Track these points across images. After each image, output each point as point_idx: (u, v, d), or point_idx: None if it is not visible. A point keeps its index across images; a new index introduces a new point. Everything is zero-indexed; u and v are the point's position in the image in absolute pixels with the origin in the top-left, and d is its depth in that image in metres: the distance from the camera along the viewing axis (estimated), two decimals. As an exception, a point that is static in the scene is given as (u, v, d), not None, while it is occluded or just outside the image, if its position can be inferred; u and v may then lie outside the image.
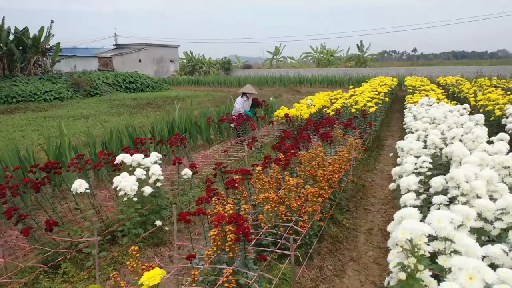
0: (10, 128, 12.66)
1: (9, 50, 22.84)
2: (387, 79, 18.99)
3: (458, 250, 1.72)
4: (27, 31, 23.63)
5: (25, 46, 23.52)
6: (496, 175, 2.60)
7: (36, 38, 23.76)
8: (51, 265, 2.99)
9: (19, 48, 23.36)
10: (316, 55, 40.48)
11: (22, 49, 23.53)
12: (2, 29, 22.67)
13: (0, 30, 22.64)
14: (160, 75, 35.57)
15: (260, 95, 20.91)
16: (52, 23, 25.09)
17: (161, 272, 1.80)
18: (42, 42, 24.24)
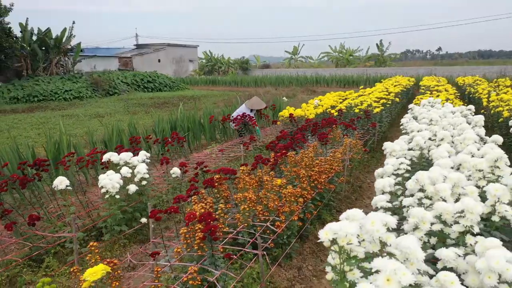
0: (28, 126, 13.08)
1: (32, 51, 23.58)
2: (404, 79, 18.68)
3: (393, 252, 1.72)
4: (49, 31, 24.32)
5: (47, 47, 24.21)
6: (463, 177, 2.57)
7: (58, 39, 24.42)
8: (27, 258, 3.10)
9: (42, 48, 24.08)
10: (334, 54, 40.13)
11: (45, 49, 24.24)
12: (25, 30, 23.42)
13: (24, 31, 23.40)
14: (179, 75, 36.00)
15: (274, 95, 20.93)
16: (74, 24, 25.75)
17: (104, 268, 1.87)
18: (64, 43, 24.89)
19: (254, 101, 7.65)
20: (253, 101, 7.65)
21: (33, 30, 23.83)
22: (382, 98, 9.53)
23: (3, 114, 16.44)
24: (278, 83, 27.95)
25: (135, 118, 14.44)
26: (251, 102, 7.60)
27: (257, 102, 7.61)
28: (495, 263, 1.74)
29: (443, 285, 1.74)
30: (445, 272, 1.80)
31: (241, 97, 15.86)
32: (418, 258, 1.77)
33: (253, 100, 7.65)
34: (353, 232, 1.53)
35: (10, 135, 9.23)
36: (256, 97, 8.05)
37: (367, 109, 7.63)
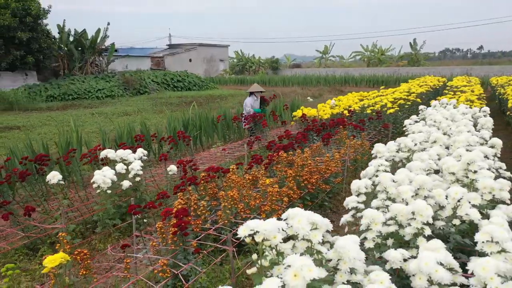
0: (58, 123, 13.73)
1: (69, 51, 24.67)
2: (433, 79, 18.19)
3: (320, 250, 1.78)
4: (85, 33, 25.33)
5: (83, 47, 25.23)
6: (429, 180, 2.56)
7: (93, 39, 25.39)
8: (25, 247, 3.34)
9: (78, 48, 25.12)
10: (366, 54, 39.44)
11: (81, 49, 25.27)
12: (63, 31, 24.52)
13: (62, 32, 24.50)
14: (209, 74, 36.52)
15: (300, 94, 20.88)
16: (109, 25, 26.68)
17: (63, 256, 2.02)
18: (98, 43, 25.86)
19: (253, 86, 8.35)
20: (253, 86, 8.35)
21: (70, 31, 24.91)
22: (399, 98, 9.36)
23: (39, 111, 17.32)
24: (306, 83, 27.84)
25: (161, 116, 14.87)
26: (251, 87, 8.37)
27: (255, 87, 8.32)
28: (424, 264, 1.77)
29: (373, 283, 1.78)
30: (377, 272, 1.84)
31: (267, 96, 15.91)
32: (350, 257, 1.83)
33: (253, 85, 8.37)
34: (269, 229, 1.61)
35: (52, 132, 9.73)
36: (256, 84, 8.73)
37: (378, 110, 7.54)
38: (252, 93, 8.25)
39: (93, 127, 12.35)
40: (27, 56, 21.13)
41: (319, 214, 4.61)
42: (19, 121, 14.28)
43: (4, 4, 19.72)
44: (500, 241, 1.87)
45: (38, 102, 19.90)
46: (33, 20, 20.77)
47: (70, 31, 24.97)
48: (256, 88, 8.28)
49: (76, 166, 4.54)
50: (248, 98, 8.23)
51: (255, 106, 8.16)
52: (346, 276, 1.85)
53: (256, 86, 8.40)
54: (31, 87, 21.30)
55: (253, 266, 2.05)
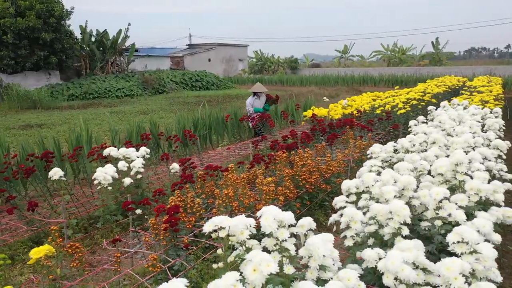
0: (78, 121, 14.10)
1: (91, 51, 25.26)
2: (453, 79, 17.83)
3: (288, 248, 1.82)
4: (106, 33, 25.87)
5: (104, 47, 25.79)
6: (413, 180, 2.56)
7: (114, 40, 25.92)
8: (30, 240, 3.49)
9: (100, 49, 25.69)
10: (386, 53, 38.92)
11: (102, 49, 25.83)
12: (85, 32, 25.12)
13: (84, 33, 25.11)
14: (228, 74, 36.75)
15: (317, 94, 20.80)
16: (129, 25, 27.18)
17: (48, 248, 2.13)
18: (119, 43, 26.38)
19: (255, 86, 8.34)
20: (255, 86, 8.34)
21: (92, 32, 25.50)
22: (412, 99, 9.25)
23: (61, 110, 17.82)
24: (323, 83, 27.71)
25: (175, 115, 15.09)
26: (253, 87, 8.34)
27: (257, 86, 8.31)
28: (391, 263, 1.79)
29: (340, 280, 1.82)
30: (346, 270, 1.88)
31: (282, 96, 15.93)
32: (319, 254, 1.87)
33: (256, 85, 8.35)
34: (233, 225, 1.66)
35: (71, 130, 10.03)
36: (258, 83, 8.71)
37: (388, 111, 7.48)
38: (255, 93, 8.27)
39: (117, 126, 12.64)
40: (51, 56, 21.72)
41: (320, 213, 4.64)
42: (41, 119, 14.73)
43: (29, 5, 20.34)
44: (470, 241, 1.88)
45: (60, 101, 20.46)
46: (56, 21, 21.35)
47: (92, 31, 25.56)
48: (258, 88, 8.29)
49: (82, 163, 4.70)
50: (249, 98, 8.31)
51: (257, 106, 8.20)
52: (316, 273, 1.89)
53: (258, 85, 8.41)
54: (54, 86, 21.92)
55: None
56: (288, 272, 1.81)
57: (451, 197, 2.68)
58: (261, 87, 8.38)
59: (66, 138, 6.31)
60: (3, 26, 19.65)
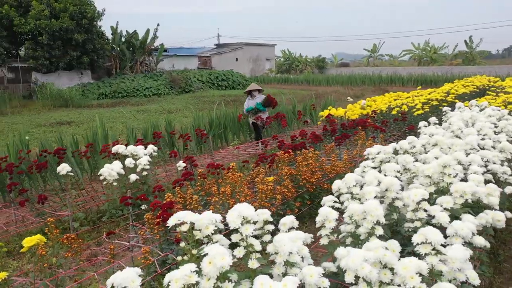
0: (105, 119, 14.57)
1: (121, 51, 26.01)
2: (483, 79, 17.25)
3: (252, 243, 1.90)
4: (136, 33, 26.57)
5: (134, 47, 26.50)
6: (396, 182, 2.58)
7: (143, 40, 26.59)
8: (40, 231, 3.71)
9: (129, 49, 26.43)
10: (417, 52, 38.00)
11: (132, 50, 26.55)
12: (116, 33, 25.90)
13: (114, 33, 25.89)
14: (255, 73, 36.92)
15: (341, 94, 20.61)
16: (158, 26, 27.81)
17: (39, 237, 2.29)
18: (148, 43, 27.03)
19: (251, 85, 8.14)
20: (250, 85, 8.13)
21: (122, 32, 26.26)
22: (433, 99, 9.07)
23: (90, 108, 18.48)
24: (350, 82, 27.40)
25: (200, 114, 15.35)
26: (248, 87, 8.11)
27: (252, 85, 8.12)
28: (351, 261, 1.84)
29: (304, 277, 1.88)
30: (310, 267, 1.94)
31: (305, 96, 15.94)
32: (285, 251, 1.94)
33: (251, 85, 8.14)
34: (195, 220, 1.76)
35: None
36: (253, 83, 8.62)
37: (404, 111, 7.38)
38: (251, 94, 7.93)
39: (136, 124, 13.01)
40: (83, 56, 22.52)
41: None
42: (70, 117, 15.33)
43: (63, 8, 21.17)
44: (433, 242, 1.90)
45: (90, 99, 21.19)
46: (88, 23, 22.11)
47: (122, 32, 26.31)
48: (253, 87, 8.00)
49: (93, 160, 4.92)
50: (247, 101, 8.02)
51: (251, 105, 7.81)
52: (282, 269, 1.96)
53: (251, 85, 8.17)
54: (85, 85, 22.73)
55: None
56: (252, 266, 1.89)
57: (437, 199, 2.68)
58: (254, 85, 8.08)
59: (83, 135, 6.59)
60: (39, 27, 20.54)
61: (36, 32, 20.69)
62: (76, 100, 19.46)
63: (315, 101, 14.56)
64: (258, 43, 40.48)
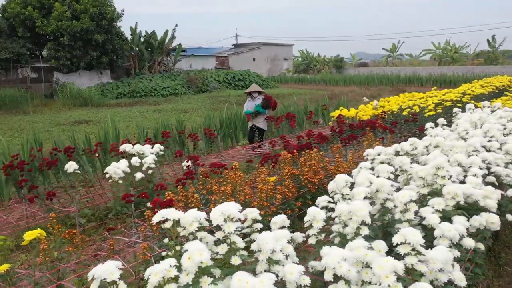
0: (122, 118, 14.88)
1: (139, 51, 26.44)
2: (504, 79, 16.89)
3: (234, 240, 1.96)
4: (154, 34, 26.96)
5: (152, 48, 26.90)
6: (387, 183, 2.60)
7: (161, 40, 26.96)
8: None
9: (148, 49, 26.84)
10: (437, 52, 37.32)
11: (150, 50, 26.96)
12: (135, 33, 26.34)
13: (133, 34, 26.34)
14: (272, 73, 36.95)
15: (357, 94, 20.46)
16: (176, 26, 28.13)
17: (40, 231, 2.41)
18: (166, 44, 27.39)
19: (251, 86, 7.91)
20: (251, 87, 7.89)
21: (141, 33, 26.69)
22: (447, 100, 8.95)
23: (108, 107, 18.86)
24: (367, 82, 27.15)
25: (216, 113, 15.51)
26: (249, 88, 7.88)
27: (252, 86, 7.88)
28: (330, 260, 1.88)
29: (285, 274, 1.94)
30: (292, 265, 1.99)
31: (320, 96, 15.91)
32: (267, 249, 1.99)
33: (251, 86, 7.91)
34: (177, 217, 1.83)
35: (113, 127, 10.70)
36: (254, 84, 8.34)
37: (414, 112, 7.32)
38: (250, 95, 7.68)
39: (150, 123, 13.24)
40: (102, 56, 22.99)
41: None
42: (89, 116, 15.69)
43: (83, 9, 21.67)
44: (412, 243, 1.92)
45: (109, 99, 21.62)
46: (108, 23, 22.56)
47: (141, 32, 26.73)
48: (253, 89, 7.74)
49: (104, 158, 5.07)
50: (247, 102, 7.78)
51: (249, 108, 7.53)
52: (264, 266, 2.02)
53: (253, 86, 7.91)
54: (105, 85, 23.20)
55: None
56: (234, 263, 1.96)
57: (429, 201, 2.69)
58: (254, 87, 7.82)
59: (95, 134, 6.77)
60: (61, 28, 21.08)
61: (58, 33, 21.23)
62: (95, 100, 19.89)
63: (330, 102, 14.51)
64: (276, 43, 40.50)
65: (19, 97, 17.97)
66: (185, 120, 12.62)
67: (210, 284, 1.71)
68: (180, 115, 15.50)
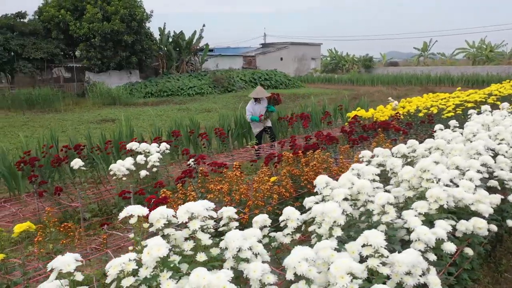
0: (146, 117, 15.26)
1: (168, 51, 26.97)
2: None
3: (200, 238, 2.03)
4: (182, 34, 27.43)
5: (180, 48, 27.38)
6: (368, 184, 2.59)
7: (189, 40, 27.39)
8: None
9: (176, 49, 27.33)
10: (471, 51, 36.02)
11: (178, 50, 27.44)
12: (163, 34, 26.90)
13: (162, 34, 26.90)
14: (300, 73, 36.79)
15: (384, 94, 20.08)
16: (204, 26, 28.54)
17: (28, 224, 2.56)
18: (194, 44, 27.82)
19: (257, 90, 7.54)
20: (256, 90, 7.54)
21: (169, 33, 27.22)
22: (469, 101, 8.69)
23: (135, 106, 19.37)
24: (395, 82, 26.59)
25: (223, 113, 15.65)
26: (254, 92, 7.49)
27: (257, 91, 7.48)
28: (290, 259, 1.91)
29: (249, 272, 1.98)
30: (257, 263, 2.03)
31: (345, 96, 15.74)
32: (233, 247, 2.05)
33: (257, 89, 7.55)
34: (143, 213, 1.91)
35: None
36: (259, 86, 7.96)
37: (430, 113, 7.15)
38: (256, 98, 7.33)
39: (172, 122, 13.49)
40: (132, 56, 23.62)
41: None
42: (116, 114, 16.16)
43: (114, 11, 22.33)
44: (374, 245, 1.92)
45: (136, 98, 22.17)
46: (137, 24, 23.15)
47: (169, 33, 27.26)
48: (260, 94, 7.35)
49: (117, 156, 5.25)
50: (249, 104, 7.42)
51: (256, 111, 7.25)
52: (231, 263, 2.08)
53: (259, 90, 7.56)
54: (133, 84, 23.83)
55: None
56: (199, 259, 2.02)
57: (413, 204, 2.66)
58: (262, 91, 7.50)
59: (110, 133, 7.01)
60: (92, 30, 21.81)
61: (90, 35, 21.97)
62: (123, 99, 20.45)
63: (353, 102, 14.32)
64: (304, 42, 40.28)
65: (52, 96, 18.73)
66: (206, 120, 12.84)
67: (169, 279, 1.78)
68: (203, 115, 15.78)
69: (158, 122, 13.95)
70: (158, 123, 13.12)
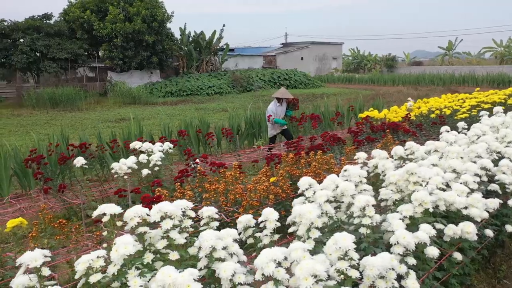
0: (164, 116, 15.48)
1: (188, 51, 27.26)
2: None
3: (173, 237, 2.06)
4: (203, 34, 27.67)
5: (200, 47, 27.62)
6: (352, 187, 2.57)
7: (209, 40, 27.61)
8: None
9: (196, 49, 27.59)
10: (499, 49, 34.93)
11: (198, 50, 27.69)
12: (184, 34, 27.20)
13: (182, 34, 27.21)
14: (321, 72, 36.54)
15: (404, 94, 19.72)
16: (224, 26, 28.72)
17: (21, 220, 2.65)
18: (214, 44, 28.01)
19: (281, 90, 7.34)
20: (281, 90, 7.34)
21: (189, 33, 27.51)
22: (487, 102, 8.45)
23: (155, 105, 19.66)
24: (417, 82, 26.05)
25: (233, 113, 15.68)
26: (278, 92, 7.31)
27: (282, 92, 7.26)
28: (259, 260, 1.93)
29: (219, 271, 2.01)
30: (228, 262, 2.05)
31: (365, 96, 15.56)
32: (206, 246, 2.08)
33: (280, 91, 7.34)
34: (115, 212, 1.96)
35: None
36: (283, 88, 7.82)
37: (442, 115, 6.99)
38: (280, 99, 7.13)
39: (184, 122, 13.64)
40: (153, 56, 24.00)
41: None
42: (135, 113, 16.42)
43: (136, 12, 22.75)
44: (342, 247, 1.92)
45: (156, 97, 22.51)
46: (158, 25, 23.51)
47: (190, 33, 27.55)
48: (283, 95, 7.17)
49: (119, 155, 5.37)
50: (272, 104, 7.17)
51: (279, 112, 7.08)
52: (204, 262, 2.10)
53: (282, 91, 7.36)
54: (154, 84, 24.21)
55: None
56: (172, 258, 2.06)
57: (398, 207, 2.63)
58: (286, 93, 7.31)
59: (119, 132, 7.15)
60: (114, 30, 22.29)
61: (113, 35, 22.45)
62: (143, 98, 20.78)
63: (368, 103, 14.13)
64: (325, 41, 39.99)
65: (74, 95, 19.22)
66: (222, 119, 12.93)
67: (137, 276, 1.82)
68: (219, 114, 15.89)
69: (174, 121, 14.16)
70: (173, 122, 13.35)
